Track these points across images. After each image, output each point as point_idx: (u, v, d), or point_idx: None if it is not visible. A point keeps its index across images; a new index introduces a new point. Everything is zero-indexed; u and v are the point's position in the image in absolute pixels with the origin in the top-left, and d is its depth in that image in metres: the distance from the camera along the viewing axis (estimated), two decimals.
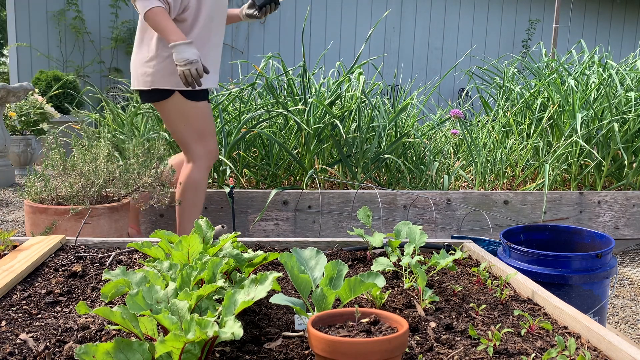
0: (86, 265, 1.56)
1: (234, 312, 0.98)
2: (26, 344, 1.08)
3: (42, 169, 2.69)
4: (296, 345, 1.10)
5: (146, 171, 2.64)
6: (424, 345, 1.10)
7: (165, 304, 1.01)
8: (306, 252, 1.32)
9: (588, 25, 9.65)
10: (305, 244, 1.82)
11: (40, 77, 6.95)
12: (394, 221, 3.33)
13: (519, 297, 1.45)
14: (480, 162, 3.72)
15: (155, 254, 1.34)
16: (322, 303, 1.10)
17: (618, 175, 3.85)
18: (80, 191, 2.55)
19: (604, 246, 2.00)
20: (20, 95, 4.79)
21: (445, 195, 3.40)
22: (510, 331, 1.19)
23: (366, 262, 1.69)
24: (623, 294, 2.95)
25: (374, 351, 0.90)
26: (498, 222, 3.42)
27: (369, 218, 1.74)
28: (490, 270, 1.67)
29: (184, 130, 2.60)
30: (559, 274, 1.84)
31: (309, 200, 3.25)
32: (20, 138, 5.45)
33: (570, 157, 3.69)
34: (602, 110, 3.78)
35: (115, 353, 0.86)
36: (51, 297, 1.34)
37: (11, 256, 1.57)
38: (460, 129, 3.91)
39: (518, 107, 4.09)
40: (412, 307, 1.30)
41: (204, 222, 1.46)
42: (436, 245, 1.87)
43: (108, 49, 8.14)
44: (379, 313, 1.03)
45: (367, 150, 3.54)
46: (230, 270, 1.33)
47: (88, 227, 2.42)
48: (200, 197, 2.67)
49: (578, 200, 3.54)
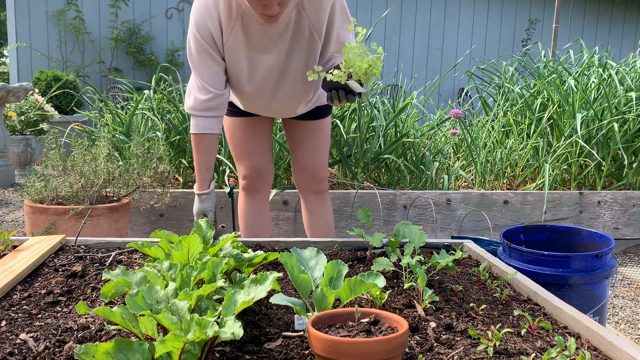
0: (86, 265, 1.56)
1: (234, 312, 0.98)
2: (26, 344, 1.08)
3: (42, 169, 2.69)
4: (296, 345, 1.10)
5: (146, 171, 2.63)
6: (424, 345, 1.10)
7: (165, 304, 1.01)
8: (306, 252, 1.32)
9: (588, 25, 9.65)
10: (305, 244, 1.82)
11: (40, 77, 6.95)
12: (394, 221, 3.33)
13: (519, 297, 1.45)
14: (480, 162, 3.72)
15: (155, 254, 1.34)
16: (322, 303, 1.10)
17: (618, 175, 3.85)
18: (80, 191, 2.55)
19: (604, 246, 1.99)
20: (20, 95, 4.79)
21: (445, 195, 3.40)
22: (510, 331, 1.19)
23: (366, 262, 1.69)
24: (623, 294, 2.95)
25: (374, 351, 0.90)
26: (498, 222, 3.42)
27: (368, 218, 1.74)
28: (490, 270, 1.67)
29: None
30: (559, 274, 1.84)
31: None
32: (20, 138, 5.44)
33: (570, 157, 3.69)
34: (602, 110, 3.78)
35: (115, 353, 0.86)
36: (51, 297, 1.34)
37: (11, 256, 1.57)
38: (460, 129, 3.91)
39: (518, 107, 4.09)
40: (412, 307, 1.30)
41: (204, 222, 1.46)
42: (436, 245, 1.87)
43: (108, 49, 8.14)
44: (379, 313, 1.03)
45: (367, 150, 3.54)
46: (231, 270, 1.33)
47: (88, 227, 2.42)
48: (241, 215, 2.42)
49: (578, 200, 3.54)
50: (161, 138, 3.00)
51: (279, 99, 2.12)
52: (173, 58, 8.15)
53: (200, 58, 1.96)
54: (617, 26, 9.78)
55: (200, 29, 1.90)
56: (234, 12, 1.89)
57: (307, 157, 2.32)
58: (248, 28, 1.91)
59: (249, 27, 1.91)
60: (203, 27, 1.90)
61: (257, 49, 1.96)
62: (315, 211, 2.40)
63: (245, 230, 2.38)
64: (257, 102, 2.16)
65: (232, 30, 1.91)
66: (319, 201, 2.39)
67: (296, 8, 1.89)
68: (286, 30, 1.93)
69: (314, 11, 1.91)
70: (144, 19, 8.20)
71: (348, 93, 1.80)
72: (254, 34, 1.92)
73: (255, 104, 2.18)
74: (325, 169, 2.36)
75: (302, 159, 2.33)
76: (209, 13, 1.89)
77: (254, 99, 2.15)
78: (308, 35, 1.95)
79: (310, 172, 2.33)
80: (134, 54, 8.06)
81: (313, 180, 2.35)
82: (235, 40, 1.93)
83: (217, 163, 3.52)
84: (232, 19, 1.89)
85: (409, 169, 3.64)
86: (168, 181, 2.80)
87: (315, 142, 2.31)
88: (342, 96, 1.82)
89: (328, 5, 1.91)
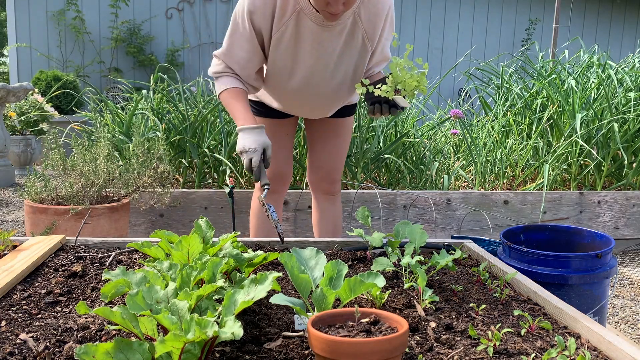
0: (86, 265, 1.56)
1: (234, 312, 0.98)
2: (26, 344, 1.08)
3: (42, 169, 2.69)
4: (296, 345, 1.10)
5: (146, 171, 2.63)
6: (424, 345, 1.10)
7: (165, 304, 1.01)
8: (306, 252, 1.32)
9: (588, 25, 9.65)
10: (305, 244, 1.82)
11: (40, 77, 6.95)
12: (393, 221, 3.33)
13: (519, 297, 1.45)
14: (480, 162, 3.72)
15: (155, 254, 1.34)
16: (322, 303, 1.10)
17: (618, 175, 3.85)
18: (80, 191, 2.55)
19: (604, 246, 1.99)
20: (20, 95, 4.79)
21: (445, 195, 3.40)
22: (510, 331, 1.19)
23: (366, 262, 1.69)
24: (623, 294, 2.95)
25: (374, 351, 0.90)
26: (498, 222, 3.42)
27: (367, 218, 1.74)
28: (490, 270, 1.67)
29: None
30: (559, 274, 1.84)
31: (309, 200, 3.25)
32: (20, 138, 5.45)
33: (570, 157, 3.69)
34: (602, 111, 3.78)
35: (115, 353, 0.86)
36: (51, 297, 1.34)
37: (11, 256, 1.57)
38: (460, 129, 3.91)
39: (518, 107, 4.09)
40: (412, 307, 1.30)
41: (203, 222, 1.46)
42: (436, 245, 1.87)
43: (108, 49, 8.14)
44: (379, 313, 1.03)
45: (367, 150, 3.54)
46: (231, 270, 1.33)
47: (88, 227, 2.42)
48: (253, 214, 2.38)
49: (578, 200, 3.54)
50: (161, 138, 3.01)
51: (318, 100, 2.08)
52: (173, 58, 8.15)
53: (244, 42, 1.89)
54: (617, 26, 9.78)
55: (252, 12, 1.83)
56: (290, 7, 1.83)
57: (324, 159, 2.31)
58: (300, 26, 1.86)
59: (302, 25, 1.86)
60: (257, 10, 1.83)
61: (304, 49, 1.92)
62: (324, 211, 2.39)
63: (257, 230, 2.35)
64: (294, 101, 2.11)
65: (284, 25, 1.86)
66: (330, 202, 2.38)
67: (352, 15, 1.87)
68: (339, 35, 1.90)
69: (370, 20, 1.89)
70: (144, 19, 8.20)
71: (392, 107, 1.80)
72: (305, 34, 1.88)
73: (291, 102, 2.12)
74: (340, 171, 2.34)
75: (319, 159, 2.32)
76: (264, 1, 1.83)
77: (291, 98, 2.09)
78: (360, 43, 1.93)
79: (325, 172, 2.32)
80: (134, 54, 8.06)
81: (326, 181, 2.34)
82: (285, 35, 1.88)
83: (217, 163, 3.52)
84: (287, 14, 1.84)
85: (409, 169, 3.65)
86: (168, 181, 2.80)
87: (335, 143, 2.29)
88: (385, 109, 1.81)
89: (383, 16, 1.90)
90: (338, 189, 2.38)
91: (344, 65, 1.98)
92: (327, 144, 2.29)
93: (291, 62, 1.95)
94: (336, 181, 2.35)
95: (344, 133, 2.30)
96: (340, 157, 2.32)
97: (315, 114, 2.21)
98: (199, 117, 3.55)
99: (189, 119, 3.54)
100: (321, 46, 1.90)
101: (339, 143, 2.30)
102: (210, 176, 3.61)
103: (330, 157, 2.30)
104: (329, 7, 1.72)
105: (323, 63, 1.95)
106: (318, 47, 1.90)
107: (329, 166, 2.31)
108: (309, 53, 1.93)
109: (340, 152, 2.31)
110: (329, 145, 2.29)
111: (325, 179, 2.34)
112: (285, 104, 2.14)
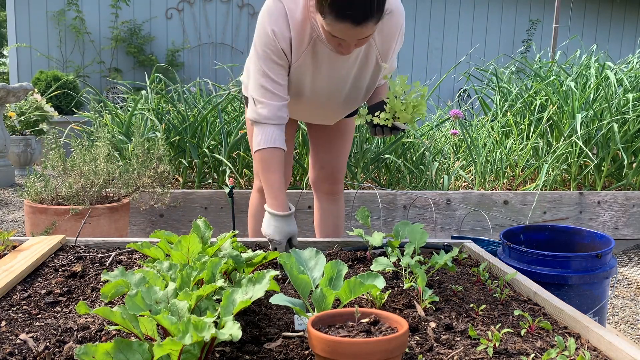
0: (86, 266, 1.56)
1: (233, 312, 0.98)
2: (26, 344, 1.08)
3: (42, 169, 2.69)
4: (296, 346, 1.10)
5: (146, 171, 2.63)
6: (424, 345, 1.10)
7: (164, 304, 1.01)
8: (306, 252, 1.31)
9: (588, 25, 9.65)
10: (305, 244, 1.82)
11: (40, 77, 6.95)
12: (393, 221, 3.33)
13: (518, 297, 1.45)
14: (480, 162, 3.72)
15: (154, 255, 1.34)
16: (321, 303, 1.10)
17: (618, 176, 3.85)
18: (80, 191, 2.55)
19: (603, 246, 1.99)
20: (20, 95, 4.79)
21: (445, 196, 3.40)
22: (510, 331, 1.19)
23: (366, 262, 1.69)
24: (623, 294, 2.95)
25: (374, 351, 0.90)
26: (498, 222, 3.42)
27: (367, 218, 1.74)
28: (490, 270, 1.67)
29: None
30: (559, 274, 1.84)
31: (308, 200, 3.25)
32: (20, 138, 5.45)
33: (570, 158, 3.69)
34: (602, 111, 3.78)
35: (115, 353, 0.86)
36: (51, 297, 1.34)
37: (11, 256, 1.57)
38: (460, 129, 3.91)
39: (517, 108, 4.09)
40: (412, 307, 1.30)
41: (201, 223, 1.46)
42: (436, 246, 1.87)
43: (108, 49, 8.14)
44: (379, 313, 1.03)
45: (367, 150, 3.54)
46: (230, 270, 1.33)
47: (88, 227, 2.42)
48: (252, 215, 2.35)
49: (578, 201, 3.54)
50: (161, 138, 3.00)
51: (326, 112, 2.10)
52: (173, 58, 8.15)
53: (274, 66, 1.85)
54: (617, 26, 9.78)
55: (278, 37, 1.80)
56: (306, 36, 1.83)
57: (328, 159, 2.30)
58: (318, 53, 1.87)
59: (318, 52, 1.86)
60: (281, 35, 1.80)
61: (320, 72, 1.92)
62: (325, 211, 2.38)
63: (256, 231, 2.33)
64: (301, 112, 2.12)
65: (303, 54, 1.86)
66: (332, 202, 2.38)
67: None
68: (355, 59, 1.91)
69: (384, 41, 1.90)
70: (145, 19, 8.19)
71: (392, 130, 1.83)
72: (322, 59, 1.88)
73: (298, 112, 2.13)
74: (343, 171, 2.34)
75: (322, 159, 2.31)
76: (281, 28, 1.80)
77: (299, 109, 2.09)
78: (374, 63, 1.94)
79: (328, 172, 2.32)
80: (134, 54, 8.06)
81: (329, 181, 2.34)
82: (305, 61, 1.88)
83: (217, 163, 3.52)
84: (305, 42, 1.84)
85: (408, 169, 3.65)
86: (168, 181, 2.80)
87: (338, 143, 2.29)
88: (386, 132, 1.85)
89: (397, 35, 1.90)
90: (341, 189, 2.38)
91: (357, 85, 2.00)
92: (330, 144, 2.29)
93: (305, 82, 1.96)
94: (339, 181, 2.35)
95: (347, 133, 2.30)
96: (343, 157, 2.32)
97: (323, 121, 2.22)
98: (198, 117, 3.55)
99: (188, 119, 3.54)
100: (336, 71, 1.92)
101: (342, 143, 2.30)
102: (210, 176, 3.61)
103: (334, 157, 2.30)
104: (341, 48, 1.74)
105: (336, 84, 1.97)
106: (333, 71, 1.92)
107: (332, 166, 2.31)
108: (325, 76, 1.94)
109: (343, 152, 2.31)
110: (332, 145, 2.29)
111: (328, 179, 2.33)
112: (291, 111, 2.14)
